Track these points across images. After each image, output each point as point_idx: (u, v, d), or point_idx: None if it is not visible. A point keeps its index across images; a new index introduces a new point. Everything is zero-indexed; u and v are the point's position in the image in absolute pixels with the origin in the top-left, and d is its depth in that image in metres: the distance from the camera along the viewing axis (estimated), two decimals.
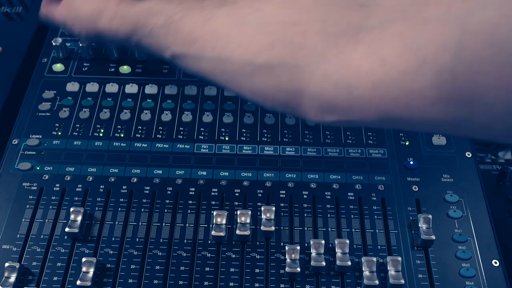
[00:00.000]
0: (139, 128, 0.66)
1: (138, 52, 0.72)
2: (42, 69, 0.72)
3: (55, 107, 0.67)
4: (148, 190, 0.60)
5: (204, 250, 0.56)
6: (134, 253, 0.55)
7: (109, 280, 0.53)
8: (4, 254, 0.55)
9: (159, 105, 0.68)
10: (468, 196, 0.60)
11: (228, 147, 0.64)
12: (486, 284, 0.53)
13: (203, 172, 0.62)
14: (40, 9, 0.64)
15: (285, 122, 0.66)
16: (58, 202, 0.59)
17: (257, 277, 0.54)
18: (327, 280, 0.53)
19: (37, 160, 0.62)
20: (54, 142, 0.64)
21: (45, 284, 0.53)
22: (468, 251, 0.55)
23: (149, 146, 0.64)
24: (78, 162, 0.62)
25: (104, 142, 0.64)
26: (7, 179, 0.61)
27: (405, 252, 0.56)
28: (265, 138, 0.65)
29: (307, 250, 0.55)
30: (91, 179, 0.61)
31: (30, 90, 0.69)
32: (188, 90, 0.69)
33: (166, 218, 0.58)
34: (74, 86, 0.70)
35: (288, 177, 0.61)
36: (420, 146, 0.64)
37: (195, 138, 0.65)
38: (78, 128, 0.65)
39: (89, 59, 0.73)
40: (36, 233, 0.56)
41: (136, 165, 0.62)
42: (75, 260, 0.55)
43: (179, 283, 0.53)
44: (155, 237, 0.56)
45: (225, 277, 0.54)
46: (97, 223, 0.57)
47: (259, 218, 0.57)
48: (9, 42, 0.75)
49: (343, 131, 0.65)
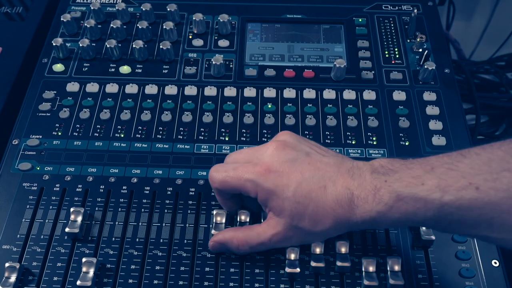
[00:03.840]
0: (139, 128, 0.66)
1: (138, 52, 0.72)
2: (42, 69, 0.72)
3: (55, 107, 0.67)
4: (148, 190, 0.60)
5: (204, 250, 0.56)
6: (134, 253, 0.55)
7: (109, 280, 0.53)
8: (4, 254, 0.55)
9: (159, 105, 0.68)
10: None
11: (228, 147, 0.64)
12: (486, 284, 0.53)
13: (203, 172, 0.62)
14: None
15: (285, 122, 0.66)
16: (58, 202, 0.59)
17: (257, 277, 0.54)
18: (327, 280, 0.53)
19: (37, 160, 0.62)
20: (54, 142, 0.64)
21: (45, 284, 0.53)
22: (468, 251, 0.55)
23: (149, 146, 0.64)
24: (78, 162, 0.62)
25: (104, 142, 0.64)
26: (7, 179, 0.61)
27: (405, 252, 0.56)
28: (265, 138, 0.65)
29: (307, 250, 0.55)
30: (91, 179, 0.61)
31: (30, 90, 0.69)
32: (188, 90, 0.69)
33: (166, 218, 0.58)
34: (74, 86, 0.70)
35: None
36: (420, 146, 0.64)
37: (195, 138, 0.65)
38: (78, 128, 0.65)
39: (89, 59, 0.73)
40: (36, 233, 0.56)
41: (136, 165, 0.62)
42: (75, 260, 0.55)
43: (179, 283, 0.53)
44: (155, 237, 0.56)
45: (225, 277, 0.54)
46: (97, 223, 0.57)
47: (259, 219, 0.56)
48: (9, 42, 0.75)
49: (343, 131, 0.65)
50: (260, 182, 0.50)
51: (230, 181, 0.52)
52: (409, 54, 0.74)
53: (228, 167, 0.53)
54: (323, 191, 0.48)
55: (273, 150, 0.51)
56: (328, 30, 0.78)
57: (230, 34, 0.77)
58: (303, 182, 0.48)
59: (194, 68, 0.72)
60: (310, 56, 0.74)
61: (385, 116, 0.67)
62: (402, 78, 0.71)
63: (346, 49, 0.75)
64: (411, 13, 0.75)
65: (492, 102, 0.93)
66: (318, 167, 0.49)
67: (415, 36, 0.76)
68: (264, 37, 0.77)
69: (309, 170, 0.49)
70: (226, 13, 0.76)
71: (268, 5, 0.80)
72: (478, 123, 0.86)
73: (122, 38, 0.75)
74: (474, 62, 1.03)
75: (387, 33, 0.77)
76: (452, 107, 0.68)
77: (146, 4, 0.76)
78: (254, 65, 0.73)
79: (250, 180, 0.50)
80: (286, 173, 0.49)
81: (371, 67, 0.72)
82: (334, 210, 0.47)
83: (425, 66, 0.70)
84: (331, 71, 0.71)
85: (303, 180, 0.49)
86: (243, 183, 0.51)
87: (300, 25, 0.78)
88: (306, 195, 0.48)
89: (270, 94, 0.69)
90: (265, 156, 0.51)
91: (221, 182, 0.52)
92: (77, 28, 0.77)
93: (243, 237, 0.52)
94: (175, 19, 0.77)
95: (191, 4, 0.80)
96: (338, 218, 0.48)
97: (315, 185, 0.48)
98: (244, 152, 0.55)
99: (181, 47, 0.75)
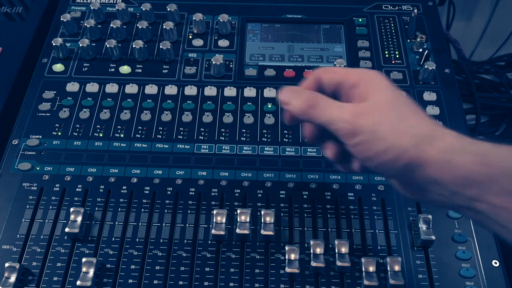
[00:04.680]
0: (139, 128, 0.66)
1: (138, 52, 0.72)
2: (42, 69, 0.72)
3: (55, 107, 0.67)
4: (148, 190, 0.60)
5: (204, 250, 0.56)
6: (134, 253, 0.55)
7: (109, 280, 0.53)
8: (4, 254, 0.55)
9: (159, 105, 0.68)
10: None
11: (228, 147, 0.64)
12: (486, 284, 0.53)
13: (203, 172, 0.62)
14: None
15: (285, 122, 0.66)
16: (58, 202, 0.59)
17: (257, 277, 0.54)
18: (327, 280, 0.53)
19: (37, 160, 0.62)
20: (54, 142, 0.64)
21: (45, 284, 0.53)
22: (468, 251, 0.55)
23: (149, 146, 0.64)
24: (78, 162, 0.62)
25: (104, 142, 0.64)
26: (7, 179, 0.61)
27: (405, 252, 0.56)
28: (265, 138, 0.65)
29: (307, 251, 0.55)
30: (91, 179, 0.61)
31: (30, 90, 0.69)
32: (188, 90, 0.69)
33: (166, 218, 0.58)
34: (74, 86, 0.70)
35: (288, 178, 0.61)
36: None
37: (195, 138, 0.65)
38: (78, 128, 0.65)
39: (89, 59, 0.73)
40: (36, 233, 0.56)
41: (136, 165, 0.62)
42: (75, 260, 0.55)
43: (179, 283, 0.53)
44: (155, 237, 0.56)
45: (225, 277, 0.54)
46: (97, 223, 0.57)
47: (259, 219, 0.57)
48: (9, 42, 0.75)
49: None
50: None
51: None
52: (409, 54, 0.74)
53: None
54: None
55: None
56: (328, 30, 0.78)
57: (230, 34, 0.77)
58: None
59: (194, 68, 0.72)
60: (310, 56, 0.74)
61: None
62: (402, 78, 0.71)
63: (346, 49, 0.75)
64: (411, 13, 0.75)
65: (492, 102, 0.93)
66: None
67: (415, 36, 0.76)
68: (264, 37, 0.77)
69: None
70: (226, 13, 0.76)
71: (268, 5, 0.80)
72: (478, 123, 0.86)
73: (122, 38, 0.75)
74: (474, 62, 1.03)
75: (387, 33, 0.77)
76: (452, 107, 0.68)
77: (146, 4, 0.76)
78: (254, 65, 0.73)
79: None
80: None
81: (371, 67, 0.72)
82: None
83: (425, 66, 0.70)
84: None
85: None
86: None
87: (300, 25, 0.78)
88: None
89: (270, 94, 0.69)
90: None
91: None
92: (77, 28, 0.77)
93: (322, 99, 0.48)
94: (175, 19, 0.77)
95: (191, 4, 0.80)
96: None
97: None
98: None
99: (181, 47, 0.75)
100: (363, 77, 0.47)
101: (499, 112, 0.93)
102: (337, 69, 0.52)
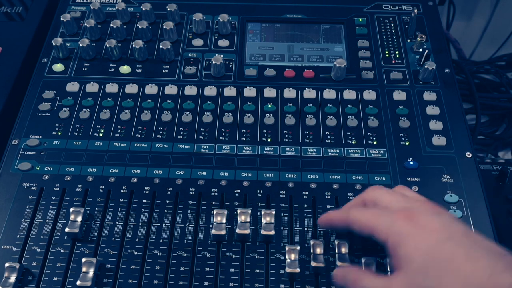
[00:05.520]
0: (139, 128, 0.66)
1: (138, 52, 0.72)
2: (42, 69, 0.72)
3: (55, 107, 0.67)
4: (148, 190, 0.60)
5: (204, 250, 0.56)
6: (134, 253, 0.55)
7: (109, 280, 0.53)
8: (4, 254, 0.55)
9: (159, 105, 0.68)
10: (468, 196, 0.60)
11: (228, 147, 0.64)
12: None
13: (203, 172, 0.62)
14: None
15: (285, 122, 0.66)
16: (58, 202, 0.59)
17: (257, 277, 0.54)
18: (327, 280, 0.53)
19: (37, 160, 0.62)
20: (54, 142, 0.64)
21: (45, 284, 0.53)
22: None
23: (149, 146, 0.64)
24: (78, 162, 0.62)
25: (104, 142, 0.64)
26: (7, 179, 0.61)
27: None
28: (265, 138, 0.65)
29: (307, 251, 0.55)
30: (91, 179, 0.61)
31: (30, 90, 0.69)
32: (188, 90, 0.69)
33: (166, 218, 0.58)
34: (74, 86, 0.70)
35: (288, 177, 0.61)
36: (420, 146, 0.64)
37: (195, 138, 0.65)
38: (78, 128, 0.65)
39: (89, 59, 0.73)
40: (36, 233, 0.56)
41: (136, 165, 0.62)
42: (75, 260, 0.55)
43: (179, 283, 0.53)
44: (155, 237, 0.56)
45: (225, 277, 0.54)
46: (97, 223, 0.57)
47: (259, 219, 0.56)
48: (9, 42, 0.75)
49: (343, 131, 0.65)
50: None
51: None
52: (409, 54, 0.74)
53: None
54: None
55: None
56: (328, 30, 0.78)
57: (230, 34, 0.77)
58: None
59: (194, 68, 0.72)
60: (310, 56, 0.74)
61: (385, 116, 0.67)
62: (402, 78, 0.71)
63: (346, 49, 0.75)
64: (411, 13, 0.75)
65: (492, 102, 0.93)
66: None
67: (415, 36, 0.76)
68: (264, 37, 0.77)
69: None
70: (226, 13, 0.76)
71: (268, 5, 0.80)
72: (478, 123, 0.86)
73: (122, 38, 0.75)
74: (474, 62, 1.03)
75: (387, 33, 0.77)
76: (452, 107, 0.68)
77: (146, 4, 0.76)
78: (254, 65, 0.73)
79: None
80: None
81: (371, 67, 0.72)
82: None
83: (425, 66, 0.70)
84: (331, 71, 0.71)
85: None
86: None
87: (300, 25, 0.78)
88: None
89: (270, 94, 0.69)
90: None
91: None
92: (77, 28, 0.77)
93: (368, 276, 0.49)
94: (175, 19, 0.77)
95: (191, 4, 0.80)
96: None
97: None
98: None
99: (181, 47, 0.75)
100: (390, 234, 0.47)
101: (499, 112, 0.93)
102: (362, 219, 0.50)
